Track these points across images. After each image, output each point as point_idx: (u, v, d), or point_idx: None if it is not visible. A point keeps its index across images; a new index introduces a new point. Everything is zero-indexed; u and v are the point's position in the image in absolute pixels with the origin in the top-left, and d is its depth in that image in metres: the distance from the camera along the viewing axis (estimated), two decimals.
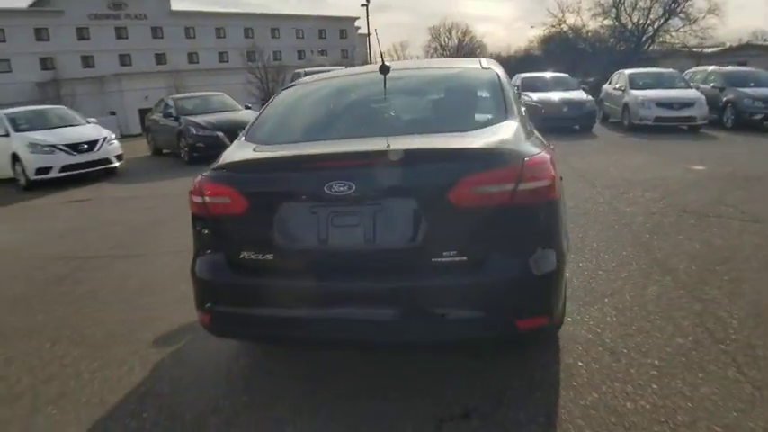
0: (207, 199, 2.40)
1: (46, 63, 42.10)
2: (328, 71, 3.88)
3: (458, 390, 2.48)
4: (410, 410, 2.36)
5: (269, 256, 2.31)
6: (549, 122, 12.20)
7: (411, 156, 2.16)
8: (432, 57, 75.01)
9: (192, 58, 52.09)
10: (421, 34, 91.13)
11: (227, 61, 50.24)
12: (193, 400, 2.59)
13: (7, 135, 10.09)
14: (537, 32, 42.62)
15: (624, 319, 3.06)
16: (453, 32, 76.93)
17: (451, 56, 75.73)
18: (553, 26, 35.98)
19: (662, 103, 11.65)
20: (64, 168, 9.56)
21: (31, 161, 9.52)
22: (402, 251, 2.18)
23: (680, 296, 3.29)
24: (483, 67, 3.12)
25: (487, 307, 2.17)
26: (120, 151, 10.68)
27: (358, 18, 56.77)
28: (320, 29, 60.72)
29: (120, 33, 47.45)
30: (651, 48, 33.45)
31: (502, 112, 2.62)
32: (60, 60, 43.01)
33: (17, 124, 10.30)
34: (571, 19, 41.22)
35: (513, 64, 54.08)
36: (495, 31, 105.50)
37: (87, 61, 45.47)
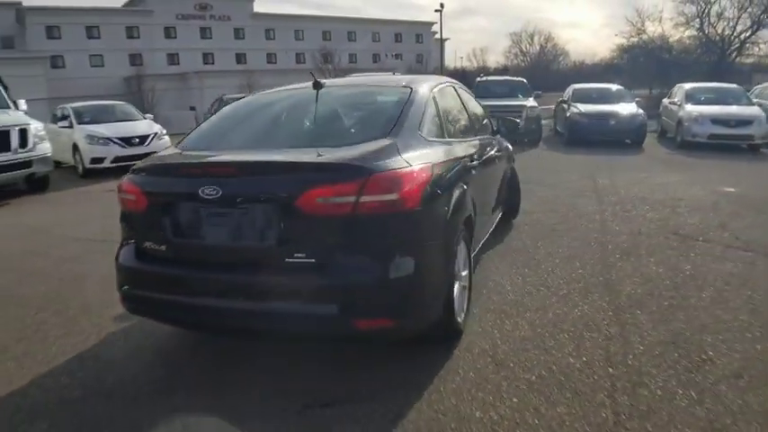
0: (123, 195, 2.83)
1: (135, 59, 45.64)
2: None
3: (332, 382, 2.68)
4: (281, 395, 2.59)
5: (162, 248, 2.68)
6: (595, 135, 11.92)
7: (266, 167, 2.51)
8: (512, 63, 73.98)
9: (270, 58, 54.53)
10: (503, 39, 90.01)
11: (304, 62, 52.02)
12: (122, 367, 2.98)
13: (71, 126, 11.29)
14: (619, 41, 40.82)
15: (532, 334, 3.11)
16: (535, 38, 75.38)
17: (532, 62, 74.34)
18: (632, 36, 34.28)
19: (718, 120, 11.00)
20: (116, 159, 10.51)
21: (87, 151, 10.59)
22: (261, 250, 2.48)
23: (603, 318, 3.27)
24: (402, 86, 3.33)
25: (327, 306, 2.38)
26: (169, 145, 11.57)
27: (435, 23, 57.09)
28: (396, 33, 61.57)
29: (205, 33, 50.53)
30: (739, 60, 31.18)
31: (388, 130, 2.80)
32: (148, 57, 46.52)
33: (81, 117, 11.50)
34: (652, 28, 39.19)
35: (597, 72, 52.25)
36: (582, 37, 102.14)
37: (173, 59, 48.78)
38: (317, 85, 3.23)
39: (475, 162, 3.59)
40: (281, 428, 2.36)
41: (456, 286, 3.01)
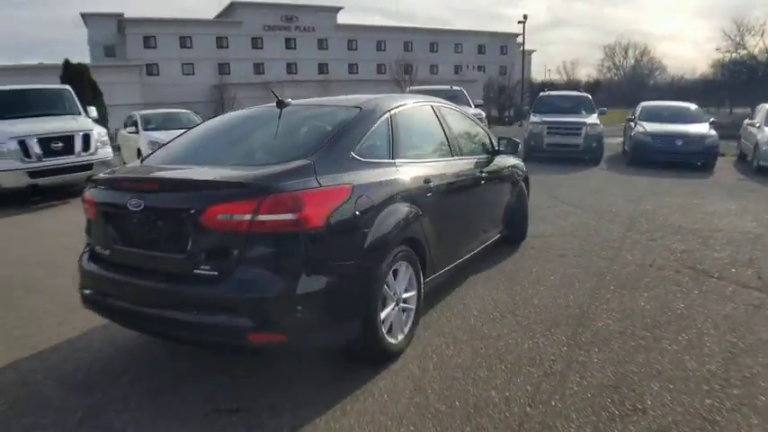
0: (83, 204, 3.15)
1: (223, 68, 48.60)
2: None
3: (253, 391, 2.80)
4: (201, 397, 2.74)
5: (107, 252, 2.96)
6: (659, 156, 11.25)
7: (179, 184, 2.74)
8: (604, 76, 71.08)
9: (352, 68, 56.08)
10: (595, 52, 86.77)
11: (384, 73, 52.95)
12: (88, 356, 3.31)
13: (137, 132, 12.26)
14: (718, 56, 37.98)
15: (469, 363, 3.05)
16: (630, 51, 72.04)
17: (626, 76, 70.98)
18: (728, 51, 31.80)
19: None
20: None
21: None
22: (173, 261, 2.66)
23: (553, 353, 3.13)
24: (353, 106, 3.39)
25: (223, 317, 2.50)
26: None
27: (519, 35, 56.24)
28: (480, 44, 61.19)
29: (290, 44, 52.87)
30: None
31: (313, 150, 2.87)
32: (235, 66, 49.39)
33: (147, 123, 12.46)
34: (753, 42, 36.11)
35: (695, 88, 48.97)
36: (683, 51, 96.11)
37: (258, 68, 51.41)
38: (281, 105, 3.40)
39: (439, 183, 3.58)
40: (183, 428, 2.50)
41: (390, 308, 3.03)
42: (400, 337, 3.16)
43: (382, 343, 2.97)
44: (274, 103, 3.47)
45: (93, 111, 10.71)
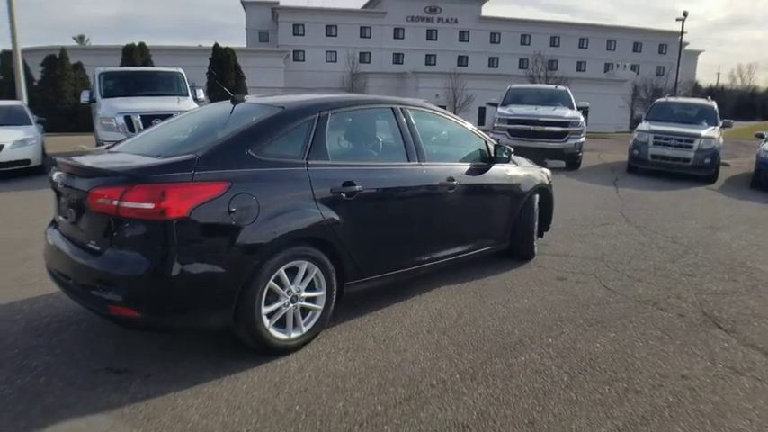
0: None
1: (364, 57, 50.43)
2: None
3: (145, 359, 3.04)
4: (103, 358, 3.04)
5: (56, 221, 3.42)
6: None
7: (83, 169, 3.03)
8: None
9: (492, 62, 55.02)
10: None
11: (527, 68, 51.26)
12: (54, 315, 3.79)
13: None
14: None
15: (347, 370, 2.98)
16: None
17: None
18: None
19: None
20: None
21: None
22: (80, 234, 3.00)
23: (438, 377, 2.93)
24: (278, 106, 3.43)
25: (95, 289, 2.79)
26: None
27: (684, 33, 50.70)
28: (636, 42, 56.48)
29: (431, 35, 53.24)
30: None
31: (207, 145, 3.05)
32: (376, 56, 50.99)
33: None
34: None
35: None
36: None
37: (398, 58, 52.57)
38: (234, 102, 3.57)
39: (373, 188, 3.53)
40: (76, 376, 2.87)
41: (279, 304, 3.08)
42: (295, 334, 3.18)
43: (265, 336, 3.02)
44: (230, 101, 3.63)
45: (200, 92, 11.83)
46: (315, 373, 2.96)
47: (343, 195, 3.31)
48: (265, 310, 3.02)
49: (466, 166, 4.34)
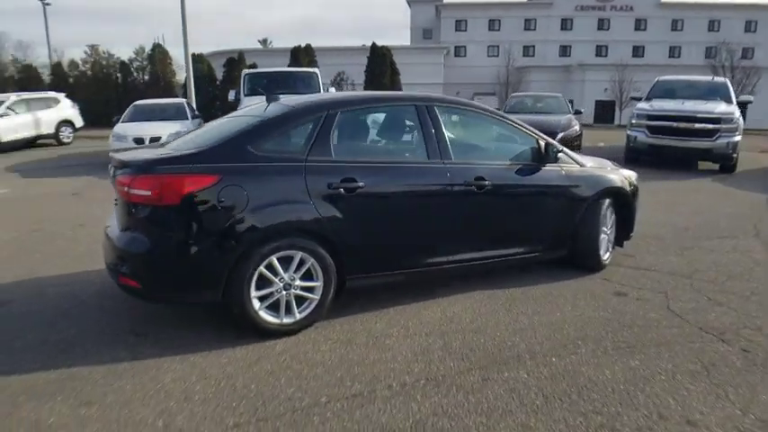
0: None
1: (528, 51, 48.63)
2: None
3: (159, 328, 3.45)
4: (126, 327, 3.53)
5: None
6: None
7: (118, 161, 3.38)
8: None
9: (673, 52, 49.50)
10: None
11: (713, 57, 45.18)
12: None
13: None
14: None
15: (318, 358, 3.03)
16: None
17: None
18: None
19: None
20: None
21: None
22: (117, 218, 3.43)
23: (383, 383, 2.84)
24: (289, 105, 3.63)
25: (115, 262, 3.24)
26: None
27: None
28: None
29: (602, 24, 49.41)
30: None
31: (217, 141, 3.34)
32: (540, 49, 48.82)
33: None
34: None
35: None
36: None
37: (565, 50, 49.73)
38: (269, 100, 3.83)
39: (383, 186, 3.56)
40: (102, 334, 3.35)
41: (271, 289, 3.24)
42: (287, 319, 3.32)
43: (253, 317, 3.21)
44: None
45: (331, 89, 12.55)
46: (290, 359, 3.06)
47: (342, 191, 3.34)
48: (256, 293, 3.20)
49: (504, 166, 4.07)
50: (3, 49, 44.78)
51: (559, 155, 4.22)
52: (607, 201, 4.57)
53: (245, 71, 12.41)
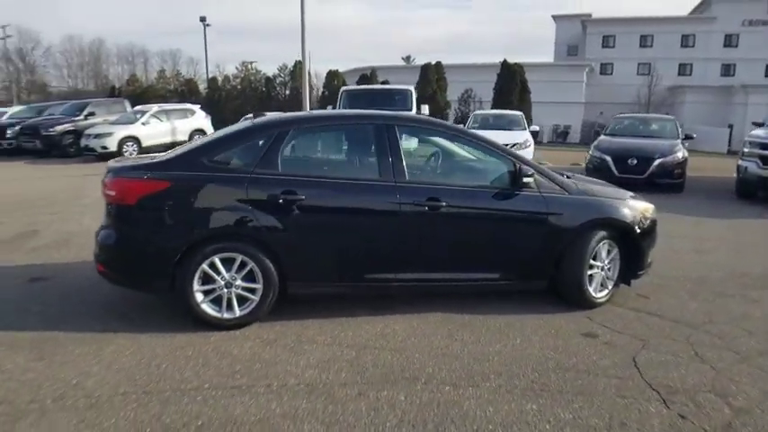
0: None
1: (684, 69, 44.06)
2: None
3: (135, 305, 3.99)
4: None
5: None
6: None
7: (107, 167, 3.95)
8: None
9: None
10: None
11: None
12: None
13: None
14: None
15: (230, 348, 3.29)
16: None
17: None
18: None
19: None
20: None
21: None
22: None
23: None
24: (250, 120, 3.92)
25: (96, 253, 3.79)
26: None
27: None
28: None
29: None
30: None
31: (181, 152, 3.80)
32: (698, 67, 43.99)
33: (475, 122, 13.70)
34: None
35: None
36: None
37: (727, 69, 44.27)
38: (255, 116, 4.26)
39: (327, 201, 3.76)
40: (91, 312, 3.95)
41: (213, 286, 3.59)
42: (227, 315, 3.64)
43: (195, 309, 3.59)
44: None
45: (425, 108, 12.71)
46: (212, 349, 3.38)
47: (281, 203, 3.57)
48: (200, 287, 3.57)
49: (467, 188, 3.98)
50: (176, 64, 51.89)
51: (532, 179, 3.96)
52: (601, 233, 4.19)
53: (343, 88, 13.12)
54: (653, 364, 3.38)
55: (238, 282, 3.61)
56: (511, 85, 29.73)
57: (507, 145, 11.58)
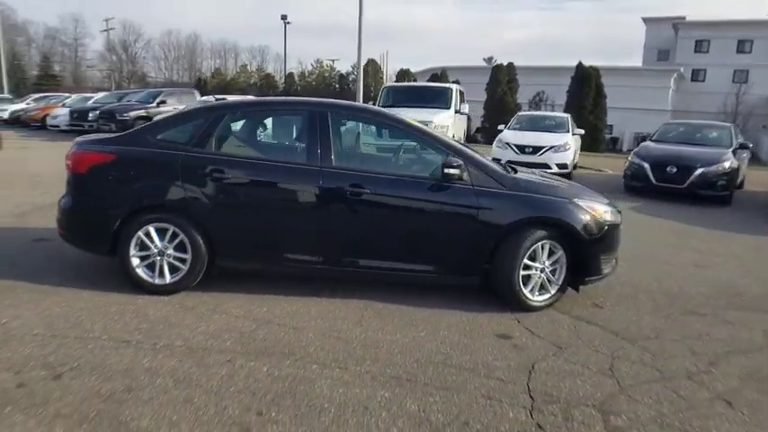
0: None
1: None
2: None
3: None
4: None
5: None
6: None
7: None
8: None
9: None
10: None
11: None
12: None
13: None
14: None
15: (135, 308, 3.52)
16: None
17: None
18: None
19: None
20: (509, 163, 11.64)
21: (494, 152, 12.03)
22: None
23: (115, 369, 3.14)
24: (199, 102, 4.03)
25: (57, 218, 4.17)
26: (564, 160, 11.53)
27: None
28: None
29: None
30: None
31: (136, 129, 4.13)
32: None
33: (518, 123, 13.17)
34: None
35: None
36: None
37: None
38: (216, 100, 4.52)
39: (250, 178, 3.90)
40: (65, 271, 4.37)
41: (148, 253, 3.85)
42: (159, 281, 3.89)
43: (131, 273, 3.87)
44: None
45: (465, 107, 12.44)
46: (133, 309, 3.63)
47: (209, 180, 3.75)
48: (136, 253, 3.84)
49: (394, 177, 3.96)
50: (264, 60, 54.17)
51: (457, 171, 3.80)
52: (539, 232, 3.96)
53: (385, 85, 13.15)
54: (551, 373, 3.19)
55: (170, 251, 3.84)
56: (585, 88, 28.25)
57: (542, 147, 11.39)
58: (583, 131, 13.02)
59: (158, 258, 3.85)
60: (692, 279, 5.24)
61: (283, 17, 34.92)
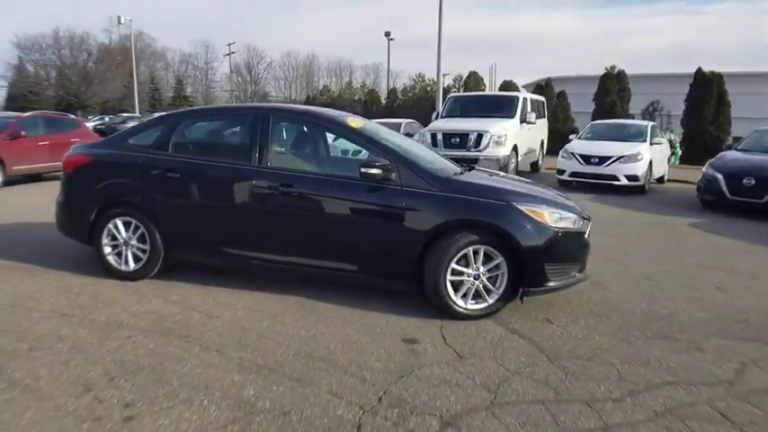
0: None
1: None
2: None
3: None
4: None
5: None
6: None
7: None
8: None
9: None
10: None
11: None
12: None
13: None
14: None
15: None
16: None
17: None
18: None
19: None
20: (572, 174, 10.88)
21: (558, 163, 11.37)
22: None
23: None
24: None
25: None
26: (633, 171, 10.42)
27: None
28: None
29: None
30: None
31: (119, 134, 4.63)
32: None
33: (590, 132, 12.14)
34: None
35: None
36: None
37: None
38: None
39: (195, 177, 4.19)
40: (66, 255, 5.08)
41: (116, 243, 4.34)
42: (125, 268, 4.36)
43: (103, 261, 4.40)
44: None
45: (531, 116, 11.78)
46: (92, 290, 4.12)
47: (162, 179, 4.16)
48: (107, 242, 4.36)
49: (322, 177, 4.06)
50: (377, 77, 55.42)
51: (378, 171, 3.72)
52: (470, 236, 3.72)
53: (450, 95, 12.88)
54: (425, 380, 2.98)
55: (133, 242, 4.29)
56: (705, 96, 25.13)
57: (609, 157, 10.37)
58: (667, 141, 11.63)
59: (124, 248, 4.31)
60: (699, 302, 4.49)
61: (387, 34, 36.31)
